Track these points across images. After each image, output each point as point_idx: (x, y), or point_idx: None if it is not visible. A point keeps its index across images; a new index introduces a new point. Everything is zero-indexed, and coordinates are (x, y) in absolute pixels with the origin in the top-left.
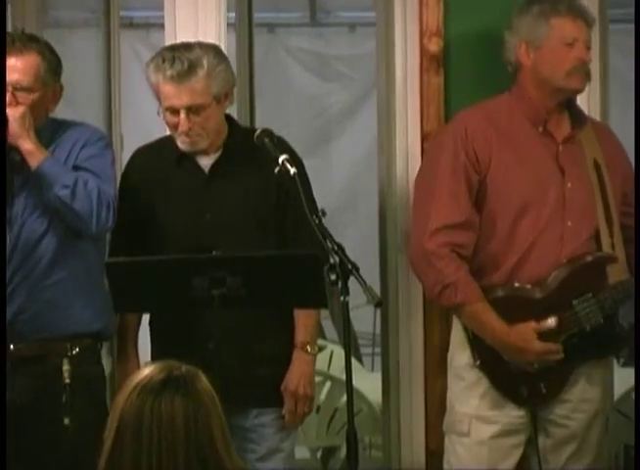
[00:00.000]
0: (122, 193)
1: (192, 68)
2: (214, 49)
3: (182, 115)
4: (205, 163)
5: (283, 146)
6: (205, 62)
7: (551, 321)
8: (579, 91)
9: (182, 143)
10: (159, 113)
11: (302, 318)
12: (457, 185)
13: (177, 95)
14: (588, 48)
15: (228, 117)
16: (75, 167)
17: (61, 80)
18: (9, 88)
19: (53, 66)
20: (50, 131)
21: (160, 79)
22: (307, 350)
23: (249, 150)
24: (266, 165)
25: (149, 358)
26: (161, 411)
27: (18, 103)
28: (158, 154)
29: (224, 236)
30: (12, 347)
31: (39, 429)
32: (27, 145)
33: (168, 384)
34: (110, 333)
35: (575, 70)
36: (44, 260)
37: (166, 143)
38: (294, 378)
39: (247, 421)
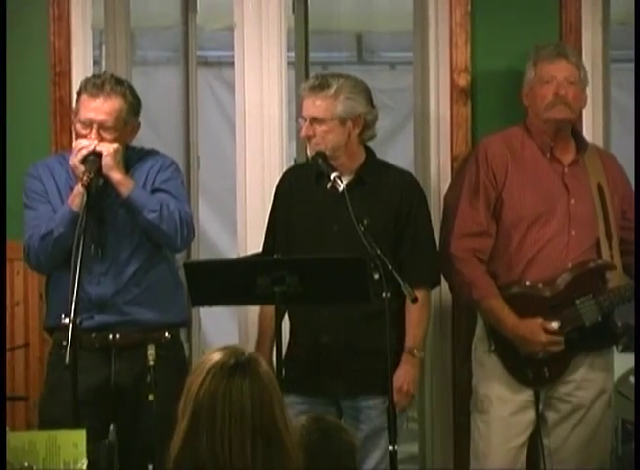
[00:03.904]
0: (275, 203)
1: (322, 85)
2: (355, 82)
3: (306, 123)
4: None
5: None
6: (335, 85)
7: (555, 324)
8: (563, 120)
9: (308, 148)
10: (297, 120)
11: (412, 328)
12: (477, 200)
13: (307, 106)
14: (571, 83)
15: (368, 150)
16: (154, 190)
17: (139, 117)
18: (94, 126)
19: (134, 107)
20: (127, 158)
21: (302, 92)
22: (414, 354)
23: (378, 178)
24: (390, 195)
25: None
26: (232, 394)
27: (102, 139)
28: (304, 172)
29: (347, 245)
30: (118, 335)
31: (136, 404)
32: (118, 176)
33: (237, 369)
34: (189, 322)
35: (552, 103)
36: (138, 271)
37: (311, 164)
38: (401, 376)
39: (356, 403)
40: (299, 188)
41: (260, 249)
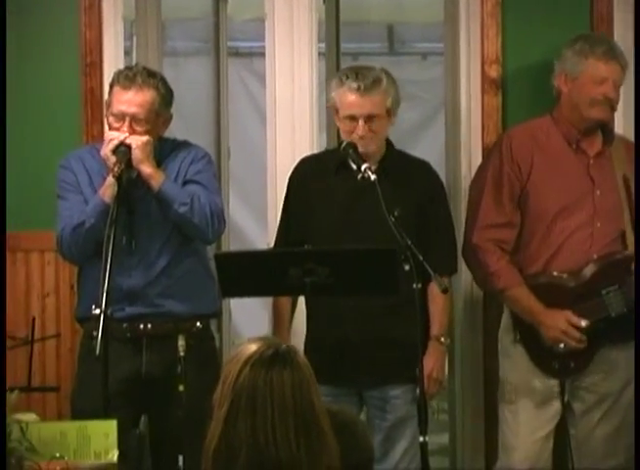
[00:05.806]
0: (289, 193)
1: (375, 82)
2: (387, 72)
3: (360, 122)
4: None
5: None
6: (384, 79)
7: (584, 323)
8: (602, 121)
9: (360, 145)
10: (337, 119)
11: (438, 315)
12: (501, 191)
13: (360, 105)
14: (618, 86)
15: (387, 140)
16: (186, 181)
17: (171, 109)
18: (126, 119)
19: (166, 99)
20: (160, 150)
21: (345, 91)
22: (441, 341)
23: (400, 168)
24: (412, 185)
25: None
26: (273, 383)
27: (134, 132)
28: (321, 163)
29: (373, 236)
30: (149, 325)
31: (167, 394)
32: (148, 169)
33: (277, 358)
34: (220, 313)
35: (598, 103)
36: (169, 263)
37: (329, 154)
38: (430, 363)
39: (381, 393)
40: (317, 179)
41: None
